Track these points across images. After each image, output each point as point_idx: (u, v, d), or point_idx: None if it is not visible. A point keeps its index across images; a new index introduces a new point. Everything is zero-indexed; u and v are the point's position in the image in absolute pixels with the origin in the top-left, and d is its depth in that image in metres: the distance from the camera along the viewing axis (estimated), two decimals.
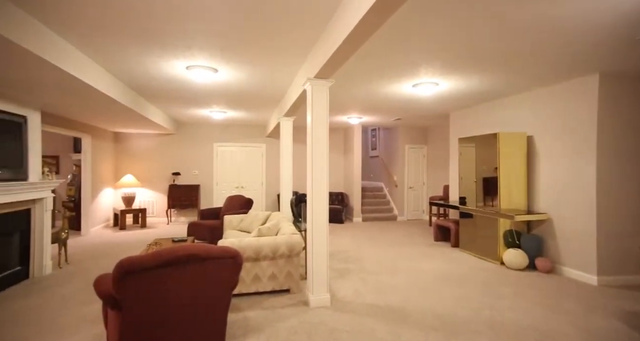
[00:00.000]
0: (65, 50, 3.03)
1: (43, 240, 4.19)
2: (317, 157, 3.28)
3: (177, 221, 8.33)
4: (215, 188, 8.55)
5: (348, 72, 3.94)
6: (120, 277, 1.93)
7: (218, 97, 5.36)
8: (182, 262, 2.11)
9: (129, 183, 7.59)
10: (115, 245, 5.87)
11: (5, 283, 3.69)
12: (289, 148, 5.65)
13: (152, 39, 3.00)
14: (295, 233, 3.67)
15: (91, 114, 5.46)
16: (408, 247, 5.72)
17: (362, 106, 5.99)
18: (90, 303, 3.31)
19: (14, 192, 3.65)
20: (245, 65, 3.74)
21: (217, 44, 3.10)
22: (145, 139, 8.18)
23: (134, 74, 4.04)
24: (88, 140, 6.65)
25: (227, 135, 8.64)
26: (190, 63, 3.65)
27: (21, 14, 2.42)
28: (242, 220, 5.22)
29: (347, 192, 9.11)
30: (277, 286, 3.52)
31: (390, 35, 2.85)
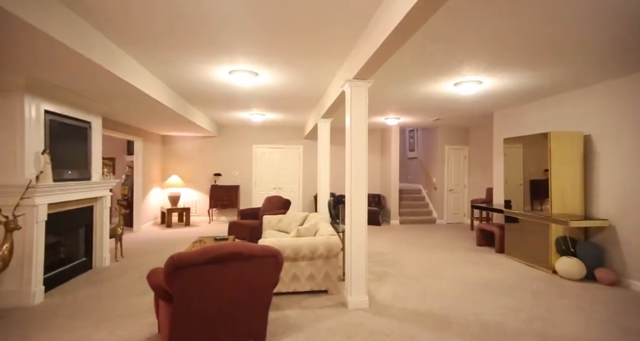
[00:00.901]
0: (126, 62, 3.29)
1: (103, 235, 4.56)
2: (356, 159, 3.27)
3: (218, 220, 8.69)
4: (253, 189, 8.81)
5: (386, 73, 3.89)
6: (171, 271, 2.06)
7: (258, 100, 5.52)
8: (226, 260, 2.20)
9: (174, 183, 8.04)
10: (162, 241, 6.24)
11: (74, 272, 4.08)
12: (326, 150, 5.68)
13: (199, 48, 3.16)
14: (333, 234, 3.68)
15: (143, 119, 5.86)
16: (449, 252, 5.52)
17: (400, 106, 5.88)
18: (144, 294, 3.55)
19: (82, 190, 4.02)
20: (285, 69, 3.83)
21: (259, 49, 3.20)
22: (189, 142, 8.63)
23: (182, 80, 4.28)
24: (140, 143, 7.14)
25: (265, 137, 8.87)
26: (233, 68, 3.80)
27: (90, 29, 2.66)
28: (280, 220, 5.33)
29: (384, 193, 8.97)
30: (315, 287, 3.55)
31: (433, 32, 2.78)
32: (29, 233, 3.26)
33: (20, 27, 2.14)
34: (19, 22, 2.06)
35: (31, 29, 2.17)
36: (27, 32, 2.21)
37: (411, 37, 2.27)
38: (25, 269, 3.25)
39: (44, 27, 2.18)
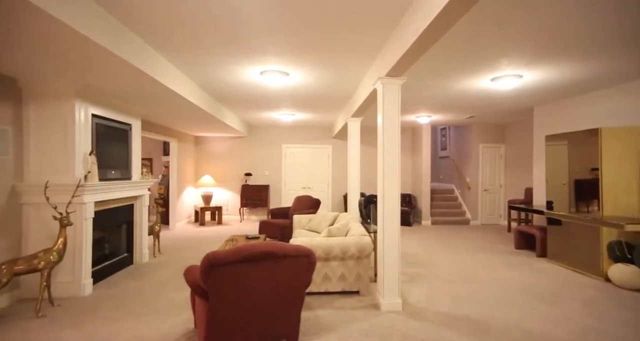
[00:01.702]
0: (164, 66, 3.42)
1: (142, 232, 4.79)
2: (388, 158, 3.21)
3: (248, 219, 8.87)
4: (283, 188, 8.91)
5: (419, 69, 3.78)
6: (206, 269, 2.11)
7: (288, 100, 5.57)
8: (260, 258, 2.22)
9: (207, 183, 8.30)
10: (196, 239, 6.46)
11: (117, 266, 4.31)
12: (356, 149, 5.62)
13: (232, 50, 3.23)
14: (364, 234, 3.64)
15: (177, 120, 6.09)
16: (485, 254, 5.29)
17: (432, 104, 5.71)
18: (180, 290, 3.68)
19: (124, 189, 4.23)
20: (315, 68, 3.82)
21: (290, 49, 3.22)
22: (221, 142, 8.87)
23: (214, 82, 4.40)
24: (175, 144, 7.43)
25: (294, 137, 8.94)
26: (264, 68, 3.84)
27: (132, 36, 2.80)
28: (310, 220, 5.34)
29: (415, 193, 8.76)
30: (346, 287, 3.52)
31: (471, 24, 2.66)
32: (79, 229, 3.48)
33: (74, 38, 2.28)
34: (73, 33, 2.19)
35: (83, 39, 2.31)
36: (80, 41, 2.35)
37: (447, 32, 2.18)
38: (76, 262, 3.47)
39: (95, 36, 2.31)
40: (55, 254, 3.09)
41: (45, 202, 3.38)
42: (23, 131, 3.44)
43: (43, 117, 3.46)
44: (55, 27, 2.13)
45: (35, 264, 2.99)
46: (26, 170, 3.45)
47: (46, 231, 3.44)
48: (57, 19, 2.01)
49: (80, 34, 2.24)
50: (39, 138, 3.46)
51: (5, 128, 3.24)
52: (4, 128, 3.23)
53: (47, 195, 3.27)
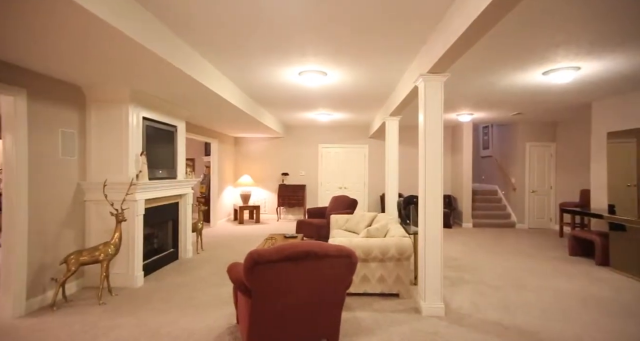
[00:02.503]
0: (207, 69, 3.57)
1: (186, 229, 5.03)
2: (430, 158, 3.10)
3: (285, 218, 9.01)
4: (319, 188, 8.95)
5: (461, 65, 3.61)
6: (250, 267, 2.16)
7: (325, 100, 5.58)
8: (301, 258, 2.24)
9: (245, 182, 8.55)
10: (236, 236, 6.67)
11: (164, 261, 4.56)
12: (394, 149, 5.51)
13: (272, 52, 3.29)
14: (405, 236, 3.55)
15: (218, 121, 6.33)
16: (534, 260, 4.95)
17: (474, 101, 5.45)
18: (222, 285, 3.82)
19: (170, 188, 4.47)
20: (354, 67, 3.79)
21: (329, 49, 3.22)
22: (259, 142, 9.10)
23: (254, 83, 4.51)
24: (215, 145, 7.73)
25: (331, 137, 8.95)
26: (302, 68, 3.88)
27: (181, 43, 2.94)
28: (347, 220, 5.31)
29: (455, 194, 8.42)
30: (385, 290, 3.45)
31: (524, 13, 2.49)
32: (132, 225, 3.73)
33: (133, 47, 2.44)
34: (132, 43, 2.35)
35: (140, 49, 2.47)
36: (137, 51, 2.52)
37: (498, 22, 2.06)
38: (129, 256, 3.72)
39: (150, 45, 2.46)
40: (113, 247, 3.33)
41: (103, 199, 3.65)
42: (86, 134, 3.75)
43: (102, 121, 3.75)
44: (118, 38, 2.30)
45: (96, 256, 3.24)
46: (88, 169, 3.75)
47: (105, 225, 3.72)
48: (120, 31, 2.16)
49: (139, 44, 2.40)
50: (98, 140, 3.75)
51: (72, 132, 3.55)
52: (71, 131, 3.54)
53: (105, 193, 3.54)
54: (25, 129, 3.02)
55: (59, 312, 3.07)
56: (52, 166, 3.32)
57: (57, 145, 3.38)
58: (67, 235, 3.51)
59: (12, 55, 2.74)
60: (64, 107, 3.47)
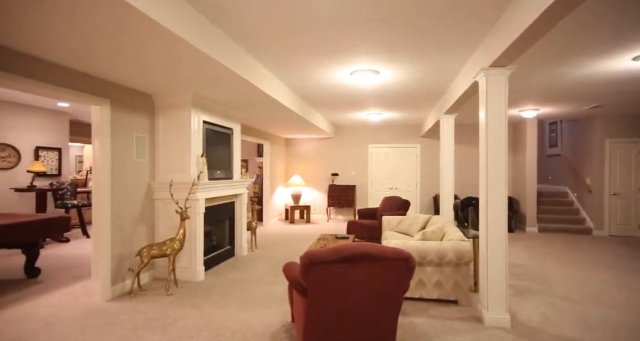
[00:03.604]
0: (261, 73, 3.70)
1: (242, 227, 5.27)
2: (493, 158, 2.89)
3: (335, 218, 9.03)
4: (369, 189, 8.84)
5: (527, 55, 3.32)
6: (306, 267, 2.18)
7: (376, 99, 5.49)
8: (357, 260, 2.21)
9: (296, 183, 8.72)
10: (287, 236, 6.83)
11: (222, 257, 4.82)
12: (450, 148, 5.25)
13: (324, 53, 3.31)
14: (463, 239, 3.35)
15: (271, 123, 6.53)
16: (618, 272, 4.38)
17: (542, 94, 4.98)
18: (276, 283, 3.92)
19: (227, 188, 4.72)
20: (407, 64, 3.68)
21: (382, 47, 3.15)
22: (309, 143, 9.23)
23: (306, 84, 4.58)
24: (268, 146, 8.00)
25: (381, 137, 8.79)
26: (354, 68, 3.85)
27: (240, 50, 3.09)
28: (400, 221, 5.17)
29: (518, 196, 7.79)
30: (442, 295, 3.29)
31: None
32: (193, 222, 3.99)
33: (197, 56, 2.62)
34: (196, 52, 2.52)
35: (204, 57, 2.64)
36: (202, 60, 2.69)
37: (579, 5, 1.85)
38: (192, 251, 3.99)
39: (212, 53, 2.61)
40: (178, 243, 3.60)
41: (169, 198, 3.96)
42: (155, 138, 4.09)
43: (168, 125, 4.06)
44: (188, 49, 2.47)
45: (164, 250, 3.52)
46: (157, 170, 4.09)
47: (170, 222, 4.03)
48: (190, 43, 2.33)
49: (203, 53, 2.56)
50: (165, 143, 4.08)
51: (143, 136, 3.90)
52: (143, 135, 3.89)
53: (171, 192, 3.83)
54: (108, 134, 3.39)
55: (136, 299, 3.39)
56: (128, 167, 3.68)
57: (131, 148, 3.73)
58: (140, 230, 3.86)
59: (99, 70, 3.08)
60: (138, 113, 3.82)
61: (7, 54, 2.54)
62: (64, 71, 2.97)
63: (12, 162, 5.64)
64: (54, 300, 3.34)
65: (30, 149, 5.93)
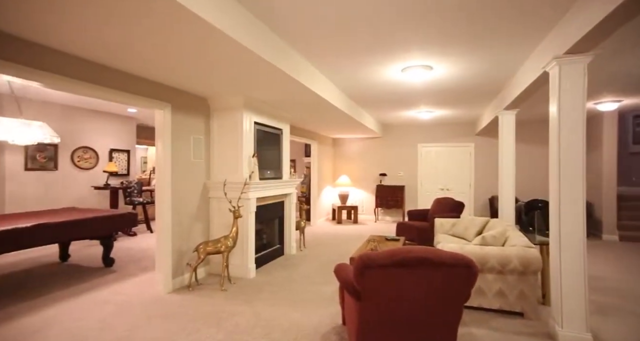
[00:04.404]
0: (311, 73, 3.71)
1: (291, 226, 5.33)
2: (568, 156, 2.59)
3: (383, 219, 8.83)
4: (419, 189, 8.50)
5: (613, 39, 2.91)
6: (360, 270, 2.11)
7: (428, 96, 5.24)
8: (414, 264, 2.09)
9: (343, 183, 8.67)
10: (335, 236, 6.80)
11: (272, 256, 4.92)
12: (510, 147, 4.83)
13: (375, 50, 3.21)
14: (529, 246, 3.04)
15: (319, 123, 6.55)
16: None
17: (626, 83, 4.38)
18: (325, 283, 3.90)
19: (277, 187, 4.81)
20: (463, 58, 3.44)
21: (436, 40, 2.97)
22: (356, 143, 9.13)
23: (355, 83, 4.50)
24: (315, 146, 8.04)
25: (432, 135, 8.42)
26: (406, 64, 3.70)
27: (289, 50, 3.12)
28: (454, 224, 4.88)
29: (592, 200, 6.96)
30: (505, 306, 3.02)
31: None
32: (245, 221, 4.11)
33: (252, 59, 2.68)
34: (251, 54, 2.58)
35: (259, 60, 2.70)
36: (255, 62, 2.76)
37: None
38: (244, 249, 4.12)
39: (266, 55, 2.67)
40: (231, 240, 3.73)
41: (223, 197, 4.13)
42: (210, 139, 4.30)
43: (221, 127, 4.24)
44: (243, 53, 2.54)
45: (218, 247, 3.67)
46: (211, 170, 4.29)
47: (224, 220, 4.20)
48: (245, 47, 2.39)
49: (256, 55, 2.62)
50: (219, 144, 4.26)
51: (200, 138, 4.11)
52: (200, 137, 4.11)
53: (225, 191, 3.98)
54: (169, 137, 3.62)
55: (193, 293, 3.58)
56: (186, 167, 3.90)
57: (189, 149, 3.95)
58: (196, 227, 4.07)
59: (163, 77, 3.31)
60: (195, 116, 4.03)
61: (95, 68, 2.81)
62: (134, 79, 3.23)
63: (92, 163, 6.31)
64: (125, 289, 3.65)
65: (105, 151, 6.58)
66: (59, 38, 2.37)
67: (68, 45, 2.50)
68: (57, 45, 2.52)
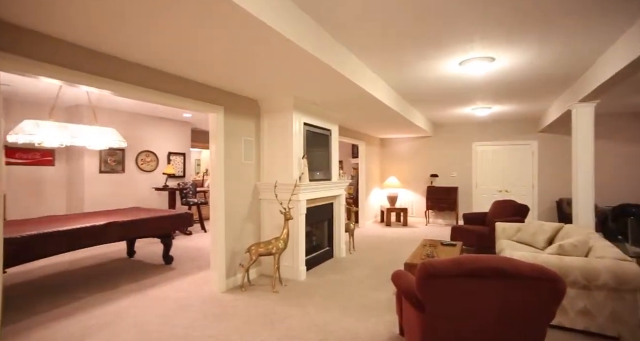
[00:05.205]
0: (362, 70, 3.58)
1: (340, 228, 5.23)
2: None
3: (434, 222, 8.39)
4: (474, 191, 7.96)
5: None
6: (424, 279, 1.94)
7: (487, 91, 4.85)
8: (485, 275, 1.87)
9: (392, 184, 8.38)
10: (385, 239, 6.56)
11: (321, 258, 4.85)
12: (587, 143, 4.29)
13: (428, 44, 3.00)
14: (624, 258, 2.63)
15: (367, 123, 6.38)
16: None
17: None
18: (378, 290, 3.73)
19: (326, 189, 4.73)
20: (533, 45, 3.09)
21: (503, 28, 2.69)
22: (405, 143, 8.79)
23: (407, 81, 4.28)
24: (363, 146, 7.87)
25: (488, 133, 7.84)
26: (465, 57, 3.42)
27: (339, 46, 3.03)
28: (519, 229, 4.44)
29: None
30: (592, 327, 2.63)
31: None
32: (296, 223, 4.08)
33: (305, 59, 2.64)
34: (305, 54, 2.53)
35: (312, 60, 2.65)
36: (309, 62, 2.71)
37: None
38: (294, 251, 4.10)
39: (320, 55, 2.60)
40: (282, 242, 3.72)
41: (273, 198, 4.14)
42: (260, 140, 4.35)
43: (272, 128, 4.27)
44: (299, 54, 2.50)
45: (270, 249, 3.68)
46: (262, 172, 4.34)
47: (274, 221, 4.21)
48: (302, 48, 2.34)
49: (306, 52, 2.55)
50: (269, 145, 4.29)
51: (250, 139, 4.17)
52: (250, 139, 4.17)
53: (276, 193, 3.99)
54: (222, 139, 3.71)
55: (246, 293, 3.62)
56: (238, 169, 3.97)
57: (240, 151, 4.02)
58: (248, 228, 4.13)
59: (217, 81, 3.39)
60: (246, 118, 4.10)
61: (156, 75, 2.95)
62: (190, 84, 3.34)
63: (153, 166, 6.76)
64: (183, 286, 3.79)
65: (164, 154, 7.01)
66: (135, 50, 2.51)
67: (134, 54, 2.64)
68: (130, 57, 2.67)
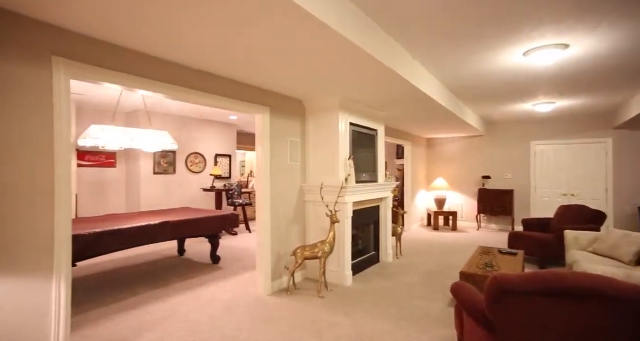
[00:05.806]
0: (412, 66, 3.37)
1: (387, 232, 5.01)
2: None
3: (487, 227, 7.82)
4: (533, 195, 7.28)
5: None
6: (496, 296, 1.71)
7: (554, 83, 4.36)
8: (577, 295, 1.60)
9: (440, 186, 7.94)
10: (433, 244, 6.20)
11: (368, 263, 4.67)
12: None
13: (490, 31, 2.71)
14: None
15: (414, 123, 6.08)
16: None
17: None
18: (430, 299, 3.48)
19: (373, 191, 4.55)
20: (614, 26, 2.68)
21: (578, 10, 2.35)
22: (454, 143, 8.31)
23: (459, 75, 3.97)
24: (409, 147, 7.54)
25: (550, 131, 7.14)
26: (531, 46, 3.07)
27: (392, 42, 2.85)
28: (596, 239, 3.92)
29: None
30: None
31: None
32: (342, 226, 3.95)
33: (358, 56, 2.51)
34: (354, 49, 2.41)
35: (366, 57, 2.51)
36: (361, 59, 2.57)
37: None
38: (340, 255, 3.96)
39: (372, 51, 2.46)
40: (328, 246, 3.60)
41: (319, 200, 4.04)
42: (305, 141, 4.28)
43: (317, 129, 4.18)
44: (355, 52, 2.38)
45: (315, 252, 3.58)
46: (307, 173, 4.26)
47: (320, 224, 4.11)
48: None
49: (364, 52, 2.42)
50: (315, 146, 4.20)
51: (296, 140, 4.12)
52: (296, 140, 4.12)
53: (322, 195, 3.89)
54: (269, 140, 3.69)
55: (292, 297, 3.55)
56: (283, 171, 3.93)
57: (286, 152, 3.97)
58: (293, 231, 4.07)
59: (263, 82, 3.37)
60: (291, 119, 4.05)
61: (204, 77, 3.00)
62: (237, 85, 3.35)
63: (201, 167, 7.02)
64: (230, 287, 3.82)
65: (211, 156, 7.25)
66: (194, 57, 2.55)
67: (186, 57, 2.68)
68: (179, 60, 2.73)
